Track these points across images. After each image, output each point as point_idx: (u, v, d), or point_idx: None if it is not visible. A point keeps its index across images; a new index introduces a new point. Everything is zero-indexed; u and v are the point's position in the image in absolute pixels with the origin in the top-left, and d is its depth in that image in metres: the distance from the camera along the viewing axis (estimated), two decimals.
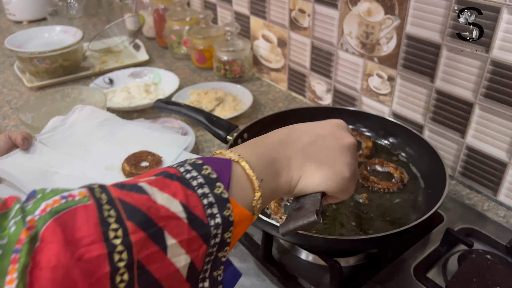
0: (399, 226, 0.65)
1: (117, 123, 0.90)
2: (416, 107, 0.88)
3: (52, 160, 0.82)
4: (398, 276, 0.65)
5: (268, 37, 1.21)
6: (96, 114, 0.90)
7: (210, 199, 0.36)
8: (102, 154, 0.85)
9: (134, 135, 0.89)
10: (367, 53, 0.93)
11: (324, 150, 0.46)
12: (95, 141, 0.87)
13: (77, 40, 1.27)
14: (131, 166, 0.80)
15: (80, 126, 0.88)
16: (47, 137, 0.85)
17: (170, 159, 0.83)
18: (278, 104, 1.16)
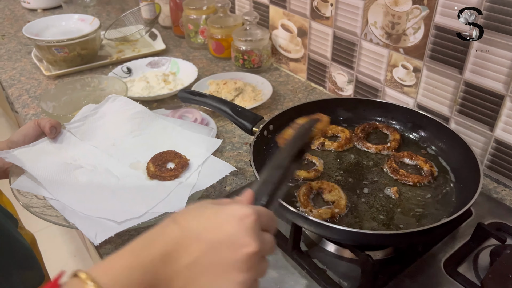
0: (430, 221, 0.64)
1: (149, 117, 0.87)
2: (443, 99, 0.86)
3: (78, 153, 0.81)
4: (428, 271, 0.64)
5: (287, 26, 1.19)
6: (129, 106, 0.88)
7: None
8: (129, 150, 0.84)
9: (164, 132, 0.87)
10: (392, 44, 0.92)
11: (213, 268, 0.38)
12: (124, 134, 0.85)
13: (95, 29, 1.26)
14: (156, 166, 0.78)
15: (111, 118, 0.86)
16: (76, 127, 0.84)
17: (197, 162, 0.80)
18: (298, 94, 1.15)
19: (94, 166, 0.80)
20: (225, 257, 0.37)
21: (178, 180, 0.78)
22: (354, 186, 0.70)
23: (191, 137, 0.85)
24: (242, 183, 0.84)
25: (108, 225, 0.66)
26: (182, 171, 0.78)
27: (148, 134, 0.86)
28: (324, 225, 0.56)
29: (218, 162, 0.79)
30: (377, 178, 0.71)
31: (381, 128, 0.81)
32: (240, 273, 0.38)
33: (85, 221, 0.67)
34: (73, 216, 0.68)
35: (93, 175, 0.78)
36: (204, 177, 0.77)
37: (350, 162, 0.76)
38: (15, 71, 1.29)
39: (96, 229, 0.65)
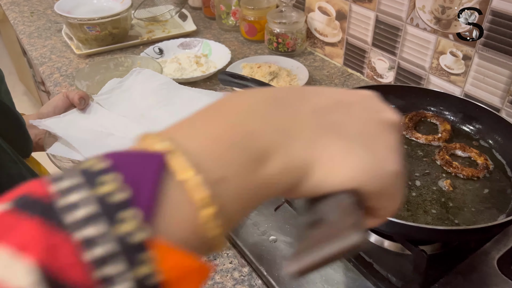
0: (487, 217, 0.61)
1: (175, 88, 0.88)
2: (494, 89, 0.82)
3: (108, 122, 0.81)
4: (481, 268, 0.62)
5: (325, 9, 1.15)
6: (153, 78, 0.89)
7: (106, 248, 0.18)
8: (158, 120, 0.83)
9: (191, 102, 0.86)
10: (441, 29, 0.87)
11: (354, 121, 0.28)
12: (151, 105, 0.85)
13: (127, 8, 1.23)
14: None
15: (137, 89, 0.87)
16: (104, 99, 0.85)
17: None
18: (334, 80, 1.12)
19: (125, 134, 0.80)
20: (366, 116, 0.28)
21: None
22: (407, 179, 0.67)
23: None
24: None
25: None
26: None
27: (175, 104, 0.86)
28: None
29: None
30: (428, 170, 0.68)
31: (430, 117, 0.78)
32: (392, 137, 0.28)
33: None
34: None
35: (126, 142, 0.77)
36: None
37: None
38: (45, 49, 1.28)
39: None
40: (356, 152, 0.26)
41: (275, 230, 0.68)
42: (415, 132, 0.75)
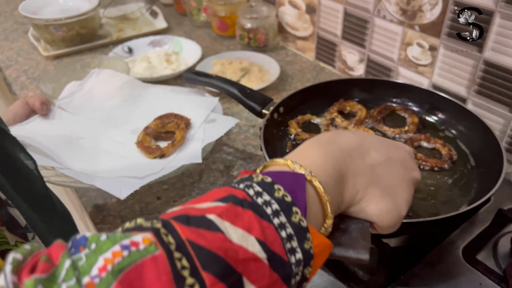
0: (450, 207, 0.61)
1: (138, 86, 0.86)
2: (460, 79, 0.82)
3: (75, 126, 0.79)
4: (447, 258, 0.62)
5: (295, 3, 1.14)
6: (115, 78, 0.86)
7: (289, 230, 0.30)
8: (126, 118, 0.82)
9: (158, 98, 0.85)
10: (407, 21, 0.87)
11: (392, 177, 0.41)
12: (116, 105, 0.83)
13: (94, 7, 1.21)
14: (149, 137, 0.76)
15: (99, 90, 0.84)
16: (67, 102, 0.82)
17: (199, 121, 0.79)
18: (306, 75, 1.11)
19: (95, 136, 0.78)
20: (402, 174, 0.41)
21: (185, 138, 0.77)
22: None
23: (186, 99, 0.84)
24: (249, 167, 0.81)
25: (130, 182, 0.65)
26: (186, 130, 0.77)
27: (142, 102, 0.84)
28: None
29: (220, 117, 0.78)
30: None
31: (398, 110, 0.78)
32: (410, 192, 0.42)
33: (105, 181, 0.66)
34: (91, 179, 0.67)
35: (97, 143, 0.76)
36: (211, 132, 0.76)
37: None
38: (12, 51, 1.25)
39: (119, 186, 0.64)
40: (385, 199, 0.39)
41: None
42: (383, 125, 0.75)
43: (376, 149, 0.41)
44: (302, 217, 0.31)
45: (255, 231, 0.29)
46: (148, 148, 0.73)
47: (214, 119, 0.77)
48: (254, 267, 0.28)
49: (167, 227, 0.27)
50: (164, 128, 0.77)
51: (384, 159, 0.40)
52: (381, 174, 0.40)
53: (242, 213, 0.29)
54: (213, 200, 0.30)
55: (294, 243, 0.30)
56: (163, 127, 0.77)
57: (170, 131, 0.77)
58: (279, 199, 0.31)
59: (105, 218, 0.72)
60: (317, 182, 0.34)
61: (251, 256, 0.28)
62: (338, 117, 0.76)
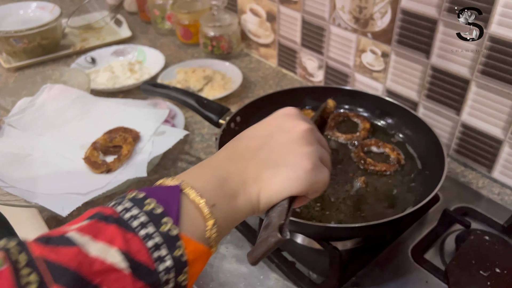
0: (398, 210, 0.64)
1: (90, 100, 0.87)
2: (411, 84, 0.86)
3: (24, 143, 0.79)
4: (397, 258, 0.65)
5: (256, 11, 1.16)
6: (66, 93, 0.87)
7: (156, 240, 0.32)
8: (76, 133, 0.82)
9: (109, 111, 0.86)
10: (360, 29, 0.90)
11: (276, 149, 0.41)
12: (67, 120, 0.84)
13: (55, 17, 1.21)
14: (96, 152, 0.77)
15: (51, 106, 0.85)
16: (16, 119, 0.82)
17: (148, 134, 0.80)
18: (269, 81, 1.13)
19: (44, 153, 0.78)
20: (284, 139, 0.42)
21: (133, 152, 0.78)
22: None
23: (137, 112, 0.85)
24: None
25: (73, 198, 0.66)
26: (135, 144, 0.78)
27: (92, 117, 0.85)
28: (291, 221, 0.55)
29: (170, 129, 0.79)
30: (345, 168, 0.71)
31: (351, 117, 0.81)
32: (302, 145, 0.41)
33: (48, 199, 0.66)
34: (35, 197, 0.67)
35: (45, 160, 0.77)
36: (159, 144, 0.77)
37: None
38: None
39: (61, 203, 0.65)
40: (280, 173, 0.40)
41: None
42: (336, 131, 0.77)
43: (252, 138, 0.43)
44: (173, 226, 0.33)
45: (117, 243, 0.30)
46: (95, 164, 0.74)
47: (163, 131, 0.79)
48: (114, 277, 0.29)
49: (22, 246, 0.28)
50: (112, 143, 0.78)
51: (262, 142, 0.42)
52: (265, 156, 0.41)
53: (105, 228, 0.31)
54: (83, 220, 0.32)
55: (163, 251, 0.32)
56: (110, 142, 0.78)
57: (118, 145, 0.78)
58: (148, 212, 0.33)
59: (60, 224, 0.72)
60: (188, 189, 0.36)
61: (109, 267, 0.29)
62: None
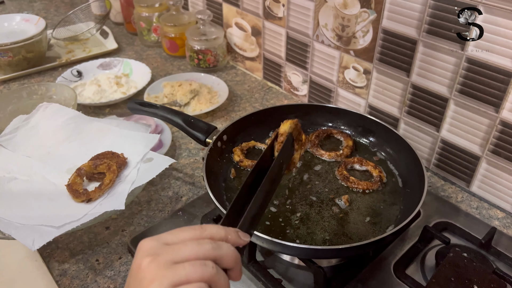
0: (380, 228, 0.66)
1: (83, 121, 0.87)
2: (392, 101, 0.88)
3: (11, 165, 0.79)
4: (379, 275, 0.67)
5: (241, 25, 1.18)
6: (61, 112, 0.87)
7: None
8: (65, 156, 0.82)
9: (100, 133, 0.86)
10: (343, 46, 0.93)
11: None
12: (59, 141, 0.84)
13: (41, 30, 1.20)
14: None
15: (44, 126, 0.85)
16: (7, 139, 0.82)
17: (136, 160, 0.80)
18: (255, 94, 1.15)
19: (29, 176, 0.78)
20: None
21: (117, 179, 0.78)
22: (306, 195, 0.71)
23: (128, 135, 0.85)
24: (198, 192, 0.84)
25: (46, 231, 0.66)
26: (120, 170, 0.78)
27: (83, 138, 0.85)
28: (276, 242, 0.57)
29: (157, 157, 0.79)
30: (329, 186, 0.73)
31: (335, 134, 0.83)
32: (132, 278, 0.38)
33: (21, 230, 0.66)
34: (9, 227, 0.67)
35: (29, 185, 0.77)
36: (144, 173, 0.77)
37: (304, 169, 0.78)
38: None
39: (33, 236, 0.64)
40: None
41: None
42: (319, 149, 0.79)
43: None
44: None
45: None
46: (76, 192, 0.73)
47: (151, 157, 0.79)
48: None
49: None
50: (96, 169, 0.78)
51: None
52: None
53: None
54: None
55: None
56: (95, 168, 0.78)
57: (102, 172, 0.78)
58: None
59: (53, 251, 0.73)
60: None
61: None
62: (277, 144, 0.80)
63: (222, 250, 0.39)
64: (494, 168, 0.77)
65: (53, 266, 0.71)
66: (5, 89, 1.16)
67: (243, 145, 0.80)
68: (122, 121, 0.87)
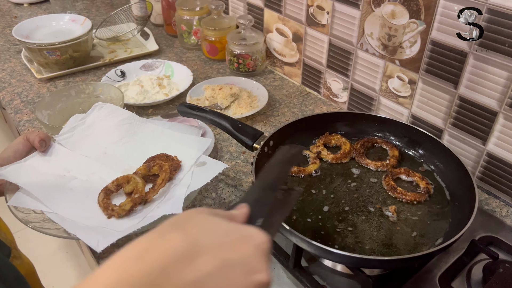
0: (427, 241, 0.66)
1: (137, 122, 0.89)
2: (437, 112, 0.88)
3: (70, 164, 0.81)
4: (424, 286, 0.67)
5: (282, 31, 1.19)
6: (116, 113, 0.89)
7: None
8: (121, 157, 0.84)
9: (154, 135, 0.87)
10: (388, 55, 0.93)
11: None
12: (114, 142, 0.86)
13: (87, 31, 1.24)
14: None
15: (99, 126, 0.87)
16: (66, 138, 0.85)
17: (189, 163, 0.81)
18: (293, 100, 1.16)
19: (88, 176, 0.81)
20: (237, 280, 0.33)
21: (172, 182, 0.79)
22: (354, 204, 0.72)
23: (181, 138, 0.86)
24: (241, 195, 0.85)
25: (109, 232, 0.68)
26: (175, 173, 0.79)
27: (137, 140, 0.87)
28: (325, 249, 0.58)
29: (210, 161, 0.80)
30: (375, 196, 0.73)
31: (380, 143, 0.83)
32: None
33: (85, 231, 0.68)
34: (73, 227, 0.69)
35: (88, 185, 0.78)
36: (198, 177, 0.77)
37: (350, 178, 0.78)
38: (4, 72, 1.27)
39: (97, 237, 0.66)
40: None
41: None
42: (365, 158, 0.80)
43: (208, 251, 0.33)
44: None
45: None
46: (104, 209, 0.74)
47: (204, 161, 0.79)
48: None
49: None
50: (151, 172, 0.79)
51: (216, 267, 0.32)
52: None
53: None
54: None
55: None
56: (149, 171, 0.79)
57: (156, 173, 0.79)
58: None
59: None
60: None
61: None
62: (324, 150, 0.81)
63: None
64: None
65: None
66: (52, 86, 1.20)
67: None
68: (174, 123, 0.89)
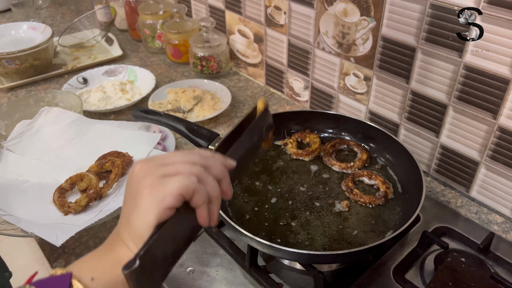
0: (379, 233, 0.67)
1: (85, 123, 0.90)
2: (392, 107, 0.90)
3: (21, 168, 0.82)
4: (379, 279, 0.68)
5: (244, 32, 1.19)
6: (63, 116, 0.90)
7: None
8: (72, 158, 0.85)
9: (104, 135, 0.89)
10: (343, 53, 0.94)
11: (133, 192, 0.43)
12: (64, 144, 0.87)
13: (47, 38, 1.22)
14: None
15: (48, 130, 0.88)
16: (14, 144, 0.85)
17: (141, 158, 0.82)
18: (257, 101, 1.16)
19: (41, 178, 0.81)
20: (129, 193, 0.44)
21: (125, 177, 0.80)
22: (308, 201, 0.73)
23: (131, 135, 0.88)
24: None
25: (67, 227, 0.69)
26: (127, 169, 0.81)
27: (88, 140, 0.88)
28: (274, 247, 0.58)
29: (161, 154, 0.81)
30: (333, 195, 0.74)
31: (352, 145, 0.84)
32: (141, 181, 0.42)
33: (43, 228, 0.69)
34: (31, 226, 0.70)
35: (42, 186, 0.79)
36: None
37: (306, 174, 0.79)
38: None
39: (55, 232, 0.68)
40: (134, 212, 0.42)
41: (192, 261, 0.71)
42: (332, 158, 0.80)
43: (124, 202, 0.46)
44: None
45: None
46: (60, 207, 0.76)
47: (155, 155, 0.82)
48: None
49: None
50: (103, 168, 0.81)
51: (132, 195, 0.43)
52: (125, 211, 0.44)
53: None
54: None
55: None
56: (101, 168, 0.81)
57: (109, 170, 0.81)
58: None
59: (60, 256, 0.75)
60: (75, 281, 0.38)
61: None
62: (292, 144, 0.82)
63: (210, 161, 0.44)
64: (493, 174, 0.78)
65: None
66: (13, 96, 1.19)
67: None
68: (123, 122, 0.90)
